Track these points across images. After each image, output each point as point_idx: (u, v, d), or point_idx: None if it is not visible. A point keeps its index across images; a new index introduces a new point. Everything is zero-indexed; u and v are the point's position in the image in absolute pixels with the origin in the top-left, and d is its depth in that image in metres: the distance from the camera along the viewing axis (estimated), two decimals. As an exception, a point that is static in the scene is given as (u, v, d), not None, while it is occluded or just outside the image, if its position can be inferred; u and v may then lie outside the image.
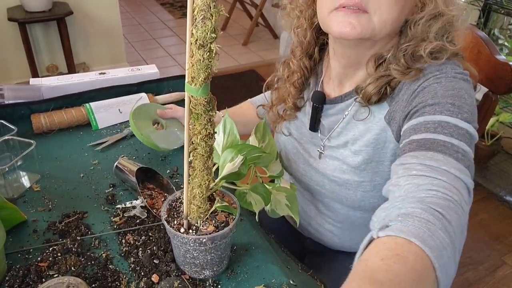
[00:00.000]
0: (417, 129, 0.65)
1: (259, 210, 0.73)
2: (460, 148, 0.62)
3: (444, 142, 0.62)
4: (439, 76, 0.70)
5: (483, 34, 1.00)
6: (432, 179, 0.57)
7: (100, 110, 1.15)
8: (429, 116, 0.65)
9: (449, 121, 0.64)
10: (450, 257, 0.51)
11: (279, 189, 0.74)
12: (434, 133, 0.63)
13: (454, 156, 0.61)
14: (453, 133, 0.63)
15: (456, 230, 0.53)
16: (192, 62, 0.55)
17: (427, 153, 0.61)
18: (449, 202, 0.56)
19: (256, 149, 0.71)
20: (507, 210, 2.18)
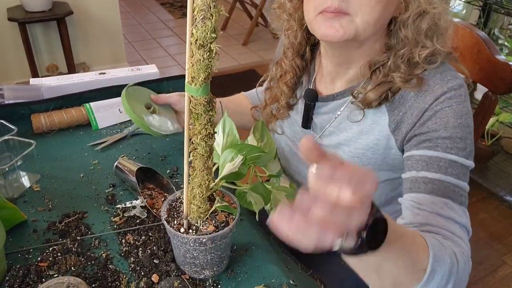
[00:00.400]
0: (430, 165, 0.72)
1: (259, 210, 0.73)
2: (463, 190, 0.73)
3: (454, 186, 0.71)
4: (450, 97, 0.73)
5: (483, 34, 1.00)
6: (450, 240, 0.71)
7: (100, 110, 1.15)
8: (442, 154, 0.72)
9: (457, 160, 0.72)
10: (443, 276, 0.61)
11: (279, 188, 0.75)
12: (446, 175, 0.71)
13: (459, 201, 0.72)
14: (460, 174, 0.72)
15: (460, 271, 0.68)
16: (192, 62, 0.55)
17: (441, 199, 0.70)
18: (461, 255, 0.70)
19: (256, 148, 0.71)
20: (507, 210, 2.18)
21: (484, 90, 1.01)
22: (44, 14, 2.86)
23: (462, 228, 0.74)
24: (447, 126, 0.72)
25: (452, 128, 0.72)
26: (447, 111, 0.73)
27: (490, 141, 2.24)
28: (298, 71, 0.88)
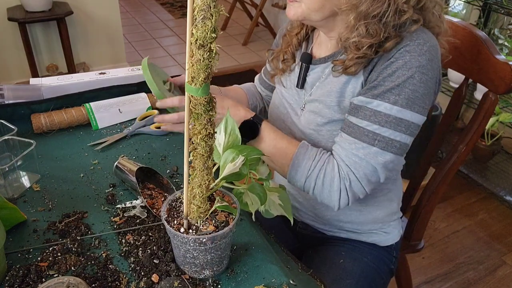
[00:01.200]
0: (357, 111, 0.84)
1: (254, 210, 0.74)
2: (380, 136, 0.81)
3: (368, 131, 0.81)
4: (408, 50, 0.80)
5: (483, 34, 1.00)
6: (341, 161, 0.84)
7: (100, 110, 1.15)
8: (370, 100, 0.82)
9: (382, 110, 0.80)
10: (300, 174, 0.86)
11: (271, 189, 0.75)
12: (365, 120, 0.82)
13: (371, 143, 0.81)
14: (382, 122, 0.80)
15: (321, 176, 0.85)
16: (192, 62, 0.55)
17: (351, 139, 0.83)
18: (338, 172, 0.84)
19: (256, 150, 0.71)
20: (507, 210, 2.18)
21: (484, 90, 1.01)
22: (44, 14, 2.86)
23: (356, 160, 0.83)
24: (392, 75, 0.81)
25: (395, 78, 0.80)
26: (399, 62, 0.80)
27: (490, 141, 2.24)
28: (305, 29, 1.01)
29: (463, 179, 2.31)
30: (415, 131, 0.83)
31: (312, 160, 0.85)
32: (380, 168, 0.82)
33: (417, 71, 0.80)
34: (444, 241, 2.00)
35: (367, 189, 0.84)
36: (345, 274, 0.98)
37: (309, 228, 1.09)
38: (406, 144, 0.83)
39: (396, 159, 0.83)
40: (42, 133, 1.09)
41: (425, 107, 0.82)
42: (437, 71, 0.84)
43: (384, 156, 0.82)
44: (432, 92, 0.84)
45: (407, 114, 0.80)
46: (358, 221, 1.02)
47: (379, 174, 0.83)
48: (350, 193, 0.84)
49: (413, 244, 1.22)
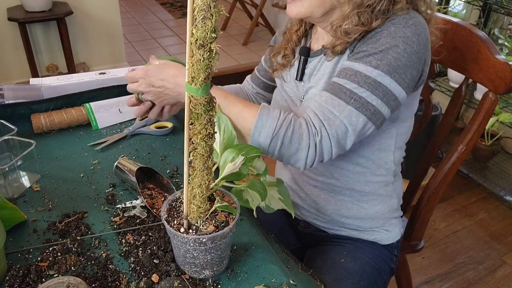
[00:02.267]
0: (341, 72, 0.84)
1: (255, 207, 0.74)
2: (357, 95, 0.81)
3: (347, 89, 0.81)
4: (393, 22, 0.83)
5: (483, 34, 1.00)
6: (314, 116, 0.83)
7: (100, 110, 1.15)
8: (353, 63, 0.83)
9: (362, 71, 0.81)
10: (265, 135, 0.82)
11: (270, 184, 0.76)
12: (345, 78, 0.83)
13: (346, 101, 0.81)
14: (361, 82, 0.80)
15: (289, 134, 0.81)
16: (192, 62, 0.55)
17: (329, 95, 0.83)
18: (307, 127, 0.82)
19: (254, 149, 0.72)
20: (507, 210, 2.18)
21: (484, 90, 1.01)
22: (44, 14, 2.86)
23: (330, 116, 0.82)
24: (376, 43, 0.83)
25: (379, 45, 0.82)
26: (384, 33, 0.83)
27: (490, 141, 2.24)
28: (304, 26, 1.04)
29: (463, 179, 2.31)
30: (392, 102, 0.82)
31: (277, 119, 0.82)
32: (352, 130, 0.81)
33: (402, 41, 0.81)
34: (444, 241, 2.00)
35: (334, 150, 0.82)
36: (346, 273, 0.99)
37: (311, 227, 1.10)
38: (380, 112, 0.82)
39: (368, 125, 0.82)
40: (42, 133, 1.09)
41: (406, 80, 0.82)
42: (424, 49, 0.84)
43: (357, 117, 0.81)
44: (416, 67, 0.83)
45: (386, 80, 0.80)
46: (359, 216, 1.03)
47: (348, 137, 0.82)
48: (318, 150, 0.81)
49: (413, 244, 1.22)
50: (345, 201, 1.02)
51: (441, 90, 2.39)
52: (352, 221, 1.03)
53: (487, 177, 2.28)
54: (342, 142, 0.82)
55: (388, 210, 1.04)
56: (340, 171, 0.98)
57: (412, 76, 0.84)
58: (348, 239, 1.06)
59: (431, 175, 1.14)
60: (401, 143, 0.99)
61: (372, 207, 1.02)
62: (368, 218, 1.03)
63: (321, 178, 1.01)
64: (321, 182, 1.02)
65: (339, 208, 1.03)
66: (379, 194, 1.01)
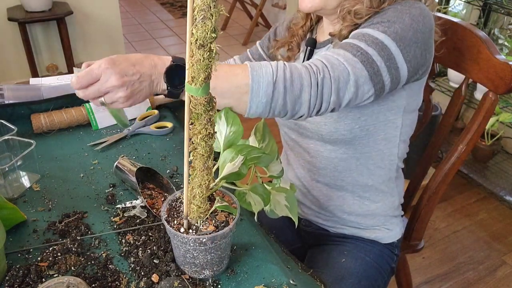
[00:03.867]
0: (352, 37, 0.83)
1: (258, 211, 0.73)
2: (363, 49, 0.79)
3: (353, 45, 0.80)
4: (397, 3, 0.84)
5: (483, 34, 1.00)
6: (316, 60, 0.78)
7: (100, 110, 1.15)
8: (365, 30, 0.82)
9: (371, 34, 0.80)
10: (266, 83, 0.73)
11: (279, 189, 0.74)
12: (353, 39, 0.81)
13: (353, 53, 0.78)
14: (368, 41, 0.79)
15: (288, 75, 0.74)
16: (192, 62, 0.55)
17: (339, 50, 0.80)
18: (305, 67, 0.76)
19: (256, 149, 0.71)
20: (507, 210, 2.18)
21: (484, 90, 1.01)
22: (44, 14, 2.86)
23: (334, 61, 0.78)
24: (382, 16, 0.83)
25: (387, 17, 0.82)
26: (390, 10, 0.83)
27: (490, 141, 2.24)
28: (310, 22, 1.04)
29: (463, 179, 2.31)
30: (394, 70, 0.80)
31: (271, 66, 0.75)
32: (354, 80, 0.77)
33: (408, 17, 0.81)
34: (444, 241, 2.00)
35: (332, 98, 0.76)
36: (347, 273, 0.99)
37: (312, 225, 1.10)
38: (381, 75, 0.79)
39: (369, 86, 0.79)
40: (42, 133, 1.09)
41: (409, 54, 0.81)
42: (429, 34, 0.84)
43: (361, 70, 0.78)
44: (420, 47, 0.82)
45: (392, 45, 0.79)
46: (360, 213, 1.03)
47: (348, 88, 0.77)
48: (319, 91, 0.75)
49: (413, 244, 1.22)
50: (347, 196, 1.02)
51: (441, 90, 2.39)
52: (353, 218, 1.04)
53: (487, 177, 2.28)
54: (341, 91, 0.77)
55: (389, 208, 1.04)
56: (343, 164, 0.98)
57: (416, 55, 0.82)
58: (349, 238, 1.06)
59: (431, 175, 1.14)
60: (405, 136, 0.99)
61: (373, 203, 1.02)
62: (369, 215, 1.03)
63: (324, 172, 1.01)
64: (323, 176, 1.02)
65: (341, 204, 1.03)
66: (381, 190, 1.02)
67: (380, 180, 1.01)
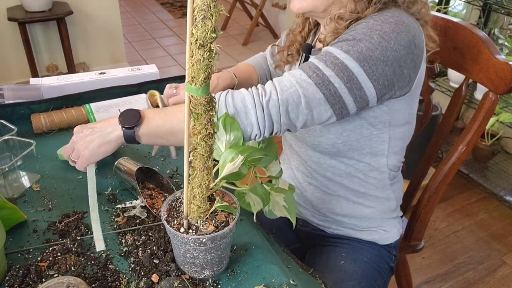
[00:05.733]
0: (317, 57, 0.82)
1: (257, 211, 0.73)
2: (319, 69, 0.78)
3: (312, 64, 0.80)
4: (371, 16, 0.82)
5: (483, 34, 1.00)
6: (269, 82, 0.80)
7: (100, 110, 1.15)
8: (328, 48, 0.81)
9: (333, 52, 0.80)
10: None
11: (278, 190, 0.74)
12: (316, 59, 0.80)
13: (308, 73, 0.78)
14: (328, 62, 0.79)
15: (230, 101, 0.77)
16: (192, 62, 0.55)
17: (296, 69, 0.81)
18: (249, 92, 0.78)
19: (257, 151, 0.71)
20: (507, 210, 2.18)
21: (484, 90, 1.01)
22: (44, 14, 2.86)
23: (286, 83, 0.78)
24: (351, 31, 0.81)
25: (354, 34, 0.80)
26: (362, 24, 0.81)
27: (490, 141, 2.24)
28: (308, 28, 1.04)
29: (463, 179, 2.31)
30: (357, 91, 0.78)
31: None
32: (305, 103, 0.76)
33: (377, 34, 0.78)
34: (444, 241, 2.00)
35: (283, 119, 0.77)
36: (347, 276, 0.99)
37: (309, 225, 1.10)
38: (341, 97, 0.77)
39: (325, 107, 0.78)
40: (42, 133, 1.09)
41: (376, 74, 0.78)
42: (405, 50, 0.79)
43: (314, 93, 0.77)
44: (391, 66, 0.79)
45: (354, 66, 0.77)
46: (354, 215, 1.03)
47: (300, 110, 0.77)
48: (266, 113, 0.76)
49: (413, 244, 1.22)
50: (340, 200, 1.02)
51: (441, 90, 2.39)
52: (348, 219, 1.03)
53: (487, 177, 2.28)
54: (292, 114, 0.77)
55: (385, 211, 1.04)
56: (333, 169, 0.98)
57: (384, 73, 0.79)
58: (346, 239, 1.05)
59: (431, 175, 1.14)
60: (396, 148, 0.96)
61: (368, 208, 1.02)
62: (364, 217, 1.03)
63: (315, 175, 1.01)
64: (315, 180, 1.02)
65: (333, 207, 1.03)
66: (375, 196, 1.01)
67: (372, 187, 1.00)
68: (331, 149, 0.93)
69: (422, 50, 0.85)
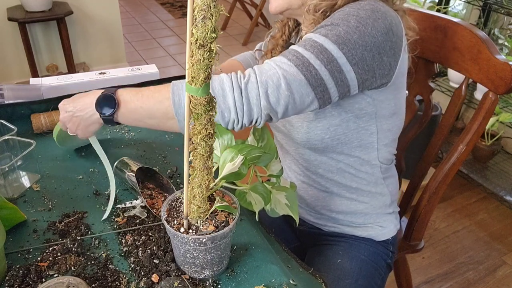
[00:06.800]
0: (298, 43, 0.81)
1: (259, 210, 0.73)
2: (299, 54, 0.77)
3: (293, 50, 0.79)
4: (348, 5, 0.82)
5: (483, 34, 1.00)
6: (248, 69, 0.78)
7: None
8: (308, 35, 0.81)
9: (312, 37, 0.79)
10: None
11: (279, 188, 0.74)
12: (297, 45, 0.79)
13: (288, 57, 0.77)
14: (307, 46, 0.78)
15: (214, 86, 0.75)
16: (192, 62, 0.55)
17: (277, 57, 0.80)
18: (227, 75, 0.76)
19: (256, 149, 0.71)
20: (507, 210, 2.18)
21: (484, 90, 1.01)
22: (44, 14, 2.86)
23: (265, 66, 0.78)
24: (328, 19, 0.81)
25: (331, 19, 0.81)
26: (338, 13, 0.81)
27: (490, 141, 2.24)
28: (288, 30, 1.03)
29: (463, 179, 2.31)
30: (337, 74, 0.77)
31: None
32: (285, 84, 0.74)
33: (354, 19, 0.78)
34: (444, 241, 2.00)
35: (262, 102, 0.75)
36: (344, 274, 0.99)
37: (306, 224, 1.10)
38: (322, 80, 0.76)
39: (307, 91, 0.76)
40: (42, 133, 1.09)
41: (355, 57, 0.77)
42: (383, 37, 0.79)
43: (295, 75, 0.75)
44: (370, 51, 0.78)
45: (332, 48, 0.76)
46: (349, 212, 1.03)
47: (280, 93, 0.75)
48: (244, 95, 0.74)
49: (413, 244, 1.22)
50: (333, 197, 1.02)
51: (441, 90, 2.39)
52: (343, 216, 1.04)
53: (487, 177, 2.28)
54: (272, 96, 0.75)
55: (380, 206, 1.04)
56: (324, 166, 0.98)
57: (364, 58, 0.78)
58: (342, 237, 1.06)
59: (431, 175, 1.14)
60: (386, 140, 0.96)
61: (361, 203, 1.02)
62: (359, 213, 1.03)
63: (307, 173, 1.01)
64: (307, 177, 1.02)
65: (327, 204, 1.03)
66: (368, 191, 1.01)
67: (365, 182, 1.00)
68: (320, 145, 0.93)
69: (401, 38, 0.84)
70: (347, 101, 0.87)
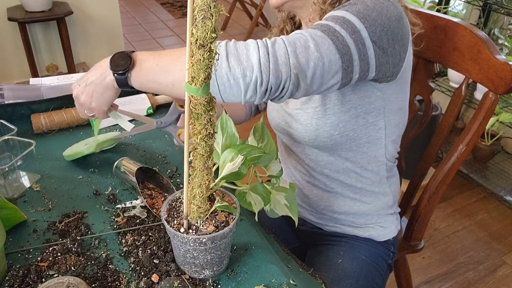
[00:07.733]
0: (324, 18, 0.80)
1: (258, 210, 0.73)
2: (331, 27, 0.75)
3: (324, 24, 0.76)
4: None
5: (483, 34, 1.00)
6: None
7: (100, 110, 1.15)
8: (333, 12, 0.79)
9: (338, 14, 0.77)
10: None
11: (279, 189, 0.75)
12: (325, 20, 0.78)
13: (321, 29, 0.75)
14: (338, 21, 0.76)
15: (231, 43, 0.71)
16: (192, 62, 0.55)
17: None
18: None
19: (256, 149, 0.71)
20: (507, 210, 2.18)
21: (484, 90, 1.01)
22: (44, 14, 2.86)
23: (291, 34, 0.76)
24: (344, 3, 0.81)
25: (348, 2, 0.80)
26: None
27: (490, 141, 2.24)
28: (289, 22, 1.03)
29: (463, 179, 2.31)
30: (361, 46, 0.74)
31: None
32: (314, 45, 0.71)
33: (370, 1, 0.78)
34: (444, 241, 2.00)
35: (292, 60, 0.69)
36: (344, 274, 0.99)
37: (306, 224, 1.10)
38: (348, 46, 0.73)
39: (335, 56, 0.72)
40: (42, 133, 1.09)
41: (376, 36, 0.76)
42: (396, 24, 0.79)
43: (322, 39, 0.72)
44: (387, 33, 0.78)
45: (356, 21, 0.75)
46: (351, 212, 1.03)
47: (309, 54, 0.71)
48: (271, 53, 0.69)
49: (413, 244, 1.22)
50: (337, 197, 1.02)
51: (441, 90, 2.39)
52: (345, 216, 1.04)
53: (487, 177, 2.28)
54: (301, 56, 0.70)
55: (382, 207, 1.04)
56: (330, 166, 0.98)
57: (382, 39, 0.77)
58: (343, 237, 1.06)
59: (431, 175, 1.14)
60: (393, 136, 0.97)
61: (364, 204, 1.02)
62: (361, 214, 1.03)
63: (313, 173, 1.02)
64: (313, 178, 1.02)
65: (331, 205, 1.03)
66: (371, 191, 1.01)
67: (369, 182, 1.00)
68: (328, 142, 0.93)
69: (408, 31, 0.84)
70: (358, 94, 0.88)
